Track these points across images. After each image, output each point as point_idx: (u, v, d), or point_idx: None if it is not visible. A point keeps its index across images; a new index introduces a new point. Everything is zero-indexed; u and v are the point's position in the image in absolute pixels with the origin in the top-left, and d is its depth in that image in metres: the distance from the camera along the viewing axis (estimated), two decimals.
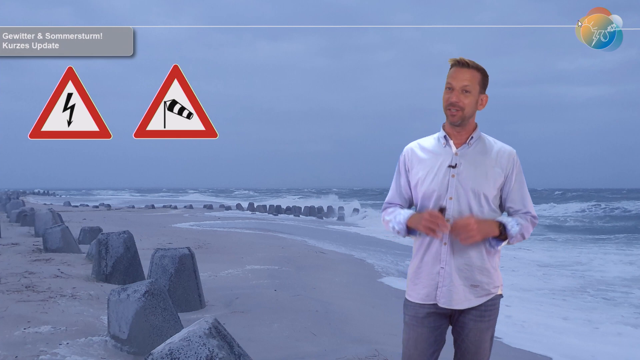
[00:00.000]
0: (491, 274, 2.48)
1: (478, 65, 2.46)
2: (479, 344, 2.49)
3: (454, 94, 2.44)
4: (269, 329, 5.36)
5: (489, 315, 2.49)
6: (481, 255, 2.46)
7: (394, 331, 5.48)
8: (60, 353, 4.14)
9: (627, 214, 39.72)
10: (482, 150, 2.49)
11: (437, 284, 2.47)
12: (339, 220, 33.01)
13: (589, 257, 15.17)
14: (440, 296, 2.46)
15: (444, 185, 2.46)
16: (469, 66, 2.45)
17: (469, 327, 2.48)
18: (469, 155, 2.48)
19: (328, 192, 74.26)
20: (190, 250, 6.28)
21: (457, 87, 2.44)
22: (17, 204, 22.90)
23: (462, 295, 2.45)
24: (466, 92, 2.44)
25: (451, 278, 2.45)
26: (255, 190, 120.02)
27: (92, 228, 12.33)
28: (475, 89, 2.45)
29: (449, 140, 2.51)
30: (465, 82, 2.43)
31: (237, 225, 21.09)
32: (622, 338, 6.68)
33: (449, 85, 2.45)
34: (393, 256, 13.06)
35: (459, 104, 2.43)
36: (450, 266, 2.44)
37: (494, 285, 2.49)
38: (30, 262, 8.44)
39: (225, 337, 2.98)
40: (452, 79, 2.45)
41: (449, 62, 2.49)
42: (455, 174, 2.46)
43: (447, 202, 2.44)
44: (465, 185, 2.44)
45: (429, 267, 2.48)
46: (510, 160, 2.49)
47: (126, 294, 4.30)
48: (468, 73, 2.44)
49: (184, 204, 46.51)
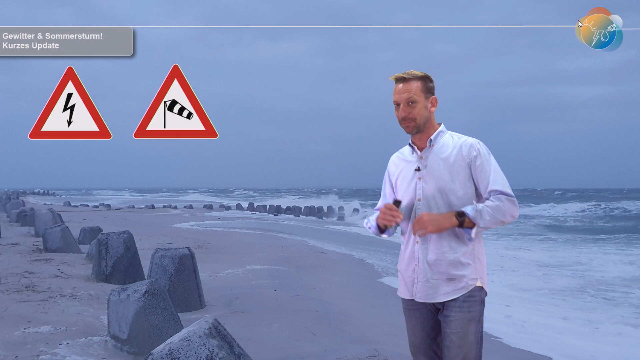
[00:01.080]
0: (466, 267, 2.53)
1: (415, 75, 2.59)
2: (463, 336, 2.51)
3: (401, 109, 2.58)
4: (269, 329, 5.36)
5: (469, 307, 2.52)
6: (453, 250, 2.53)
7: (394, 331, 5.48)
8: (60, 353, 4.14)
9: (627, 214, 39.73)
10: (444, 149, 2.61)
11: (413, 280, 2.60)
12: (339, 220, 32.99)
13: (589, 257, 15.17)
14: (416, 291, 2.60)
15: (412, 188, 2.61)
16: (406, 80, 2.58)
17: (450, 318, 2.54)
18: (431, 156, 2.61)
19: (328, 192, 74.29)
20: (190, 250, 6.28)
21: (402, 102, 2.57)
22: (17, 204, 22.91)
23: (439, 289, 2.54)
24: (412, 104, 2.57)
25: (425, 274, 2.56)
26: (255, 190, 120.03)
27: (92, 228, 12.33)
28: (420, 97, 2.58)
29: (414, 147, 2.67)
30: (407, 94, 2.56)
31: (237, 225, 21.09)
32: (622, 338, 6.68)
33: (395, 102, 2.60)
34: (393, 256, 13.06)
35: (409, 116, 2.57)
36: (423, 263, 2.57)
37: (470, 278, 2.54)
38: (30, 262, 8.43)
39: (225, 337, 2.98)
40: (396, 95, 2.59)
41: (391, 79, 2.63)
42: (421, 176, 2.60)
43: (416, 204, 2.59)
44: (430, 185, 2.57)
45: (406, 264, 2.64)
46: (471, 149, 2.58)
47: (126, 294, 4.30)
48: (407, 85, 2.57)
49: (184, 204, 46.50)
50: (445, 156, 2.58)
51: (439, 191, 2.55)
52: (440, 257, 2.53)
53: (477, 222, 2.48)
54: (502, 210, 2.50)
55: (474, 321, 2.53)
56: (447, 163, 2.56)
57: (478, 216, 2.47)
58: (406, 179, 2.64)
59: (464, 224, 2.49)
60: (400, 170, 2.69)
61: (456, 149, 2.58)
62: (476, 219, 2.48)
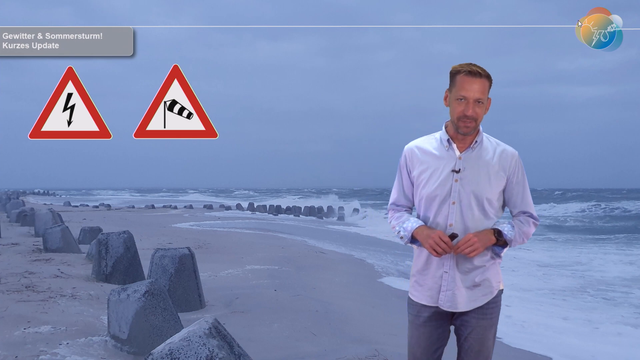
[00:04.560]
0: (492, 271, 2.49)
1: (487, 73, 2.40)
2: (483, 341, 2.50)
3: (469, 106, 2.37)
4: (269, 329, 5.36)
5: (491, 313, 2.50)
6: (481, 256, 2.47)
7: (394, 331, 5.48)
8: (60, 353, 4.14)
9: (627, 214, 39.71)
10: (484, 154, 2.48)
11: (439, 287, 2.47)
12: (339, 220, 32.99)
13: (589, 257, 15.16)
14: (444, 300, 2.47)
15: (446, 189, 2.44)
16: (481, 75, 2.37)
17: (471, 325, 2.48)
18: (472, 159, 2.46)
19: (328, 192, 74.22)
20: (190, 250, 6.28)
21: (471, 99, 2.36)
22: (17, 204, 22.90)
23: (466, 297, 2.46)
24: (479, 103, 2.38)
25: (455, 282, 2.45)
26: (255, 190, 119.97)
27: (92, 228, 12.33)
28: (485, 98, 2.41)
29: (452, 143, 2.48)
30: (478, 93, 2.36)
31: (237, 225, 21.08)
32: (622, 338, 6.67)
33: (462, 97, 2.37)
34: (393, 256, 13.06)
35: (474, 116, 2.38)
36: (453, 270, 2.45)
37: (496, 281, 2.51)
38: (30, 262, 8.43)
39: (225, 337, 2.98)
40: (465, 91, 2.36)
41: (457, 68, 2.40)
42: (459, 178, 2.44)
43: (449, 207, 2.44)
44: (467, 189, 2.43)
45: (434, 270, 2.48)
46: (512, 162, 2.49)
47: (126, 294, 4.30)
48: (480, 83, 2.37)
49: (184, 204, 46.48)
50: (485, 161, 2.45)
51: (475, 197, 2.43)
52: (470, 265, 2.45)
53: (510, 244, 2.46)
54: (528, 233, 2.50)
55: (494, 327, 2.52)
56: (487, 169, 2.45)
57: (513, 239, 2.45)
58: (439, 178, 2.45)
59: (498, 242, 2.46)
60: (427, 166, 2.49)
61: (496, 155, 2.47)
62: (511, 241, 2.46)
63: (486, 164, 2.45)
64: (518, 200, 2.51)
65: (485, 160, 2.46)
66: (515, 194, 2.51)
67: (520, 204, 2.52)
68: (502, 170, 2.47)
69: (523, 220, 2.51)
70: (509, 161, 2.48)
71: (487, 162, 2.46)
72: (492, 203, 2.46)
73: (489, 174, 2.45)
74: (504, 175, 2.47)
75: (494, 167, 2.46)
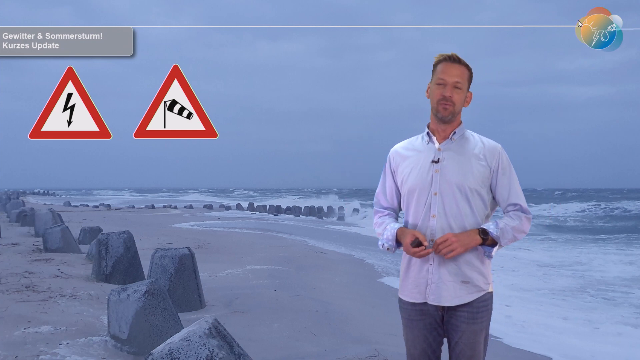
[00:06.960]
0: (481, 269, 2.46)
1: (467, 63, 2.48)
2: (474, 346, 2.46)
3: (447, 88, 2.44)
4: (269, 329, 5.36)
5: (481, 317, 2.46)
6: (466, 253, 2.43)
7: (394, 331, 5.48)
8: (60, 353, 4.14)
9: (627, 214, 39.73)
10: (465, 145, 2.49)
11: (426, 281, 2.46)
12: (339, 220, 32.99)
13: (589, 257, 15.17)
14: (430, 293, 2.46)
15: (427, 180, 2.46)
16: (459, 62, 2.46)
17: (461, 329, 2.45)
18: (452, 149, 2.48)
19: (328, 192, 74.30)
20: (190, 250, 6.28)
21: (450, 83, 2.44)
22: (17, 204, 22.90)
23: (452, 292, 2.43)
24: (457, 89, 2.45)
25: (439, 274, 2.43)
26: (255, 190, 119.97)
27: (92, 228, 12.34)
28: (464, 86, 2.48)
29: (432, 137, 2.52)
30: (456, 77, 2.44)
31: (237, 225, 21.09)
32: (622, 338, 6.68)
33: (441, 81, 2.45)
34: (393, 256, 13.06)
35: (452, 98, 2.45)
36: (438, 263, 2.44)
37: (485, 282, 2.47)
38: (30, 262, 8.43)
39: (225, 337, 2.98)
40: (444, 74, 2.45)
41: (437, 58, 2.50)
42: (439, 169, 2.45)
43: (431, 198, 2.45)
44: (449, 179, 2.44)
45: (418, 264, 2.48)
46: (495, 154, 2.48)
47: (126, 294, 4.31)
48: (459, 69, 2.46)
49: (184, 204, 46.49)
50: (465, 152, 2.47)
51: (458, 187, 2.42)
52: (456, 258, 2.42)
53: (500, 242, 2.42)
54: (521, 230, 2.46)
55: (484, 330, 2.49)
56: (469, 160, 2.45)
57: (501, 236, 2.41)
58: (420, 170, 2.48)
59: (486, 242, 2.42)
60: (409, 162, 2.52)
61: (477, 147, 2.48)
62: (499, 239, 2.41)
63: (467, 154, 2.47)
64: (505, 192, 2.48)
65: (466, 150, 2.48)
66: (502, 185, 2.48)
67: (508, 196, 2.48)
68: (484, 159, 2.46)
69: (513, 216, 2.47)
70: (491, 151, 2.48)
71: (468, 151, 2.48)
72: (476, 194, 2.44)
73: (470, 163, 2.45)
74: (487, 165, 2.46)
75: (477, 156, 2.46)
